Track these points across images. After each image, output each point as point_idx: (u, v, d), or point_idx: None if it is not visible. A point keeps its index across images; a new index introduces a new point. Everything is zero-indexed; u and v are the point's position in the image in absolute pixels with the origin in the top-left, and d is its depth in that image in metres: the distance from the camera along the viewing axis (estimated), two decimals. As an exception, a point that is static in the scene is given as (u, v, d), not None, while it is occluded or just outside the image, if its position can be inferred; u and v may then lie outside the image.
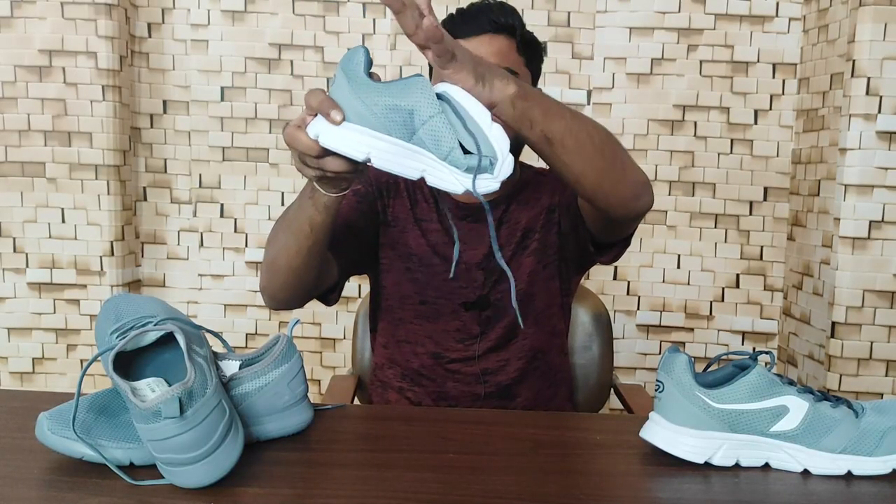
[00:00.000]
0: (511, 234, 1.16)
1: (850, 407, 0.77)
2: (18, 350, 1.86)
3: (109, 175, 1.80)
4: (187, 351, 0.70)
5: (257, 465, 0.74)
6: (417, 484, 0.70)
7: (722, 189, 1.87)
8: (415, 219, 1.15)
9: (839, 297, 1.60)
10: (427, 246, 1.14)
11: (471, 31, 1.08)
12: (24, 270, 1.84)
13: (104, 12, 1.75)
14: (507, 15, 1.09)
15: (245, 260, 1.94)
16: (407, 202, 1.16)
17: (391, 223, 1.16)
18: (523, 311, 1.13)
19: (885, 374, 1.62)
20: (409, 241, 1.14)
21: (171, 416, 0.64)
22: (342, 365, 1.95)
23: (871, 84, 1.54)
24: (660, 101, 1.86)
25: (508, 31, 1.08)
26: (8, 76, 1.78)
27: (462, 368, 1.13)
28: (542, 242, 1.15)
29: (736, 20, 1.82)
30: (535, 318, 1.15)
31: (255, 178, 1.92)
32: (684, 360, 0.76)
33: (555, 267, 1.16)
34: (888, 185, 1.56)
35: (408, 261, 1.13)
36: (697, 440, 0.75)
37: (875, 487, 0.72)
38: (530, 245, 1.15)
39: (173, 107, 1.91)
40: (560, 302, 1.22)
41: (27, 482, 0.70)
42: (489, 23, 1.07)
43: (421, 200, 1.17)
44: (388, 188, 1.17)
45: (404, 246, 1.14)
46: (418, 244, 1.14)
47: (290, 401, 0.81)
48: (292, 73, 1.88)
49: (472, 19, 1.09)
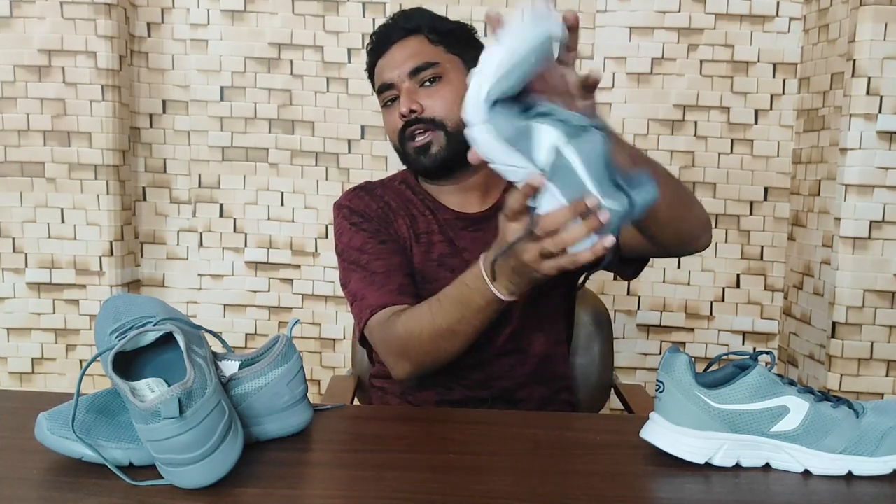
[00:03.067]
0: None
1: (851, 407, 0.77)
2: (18, 350, 1.86)
3: (109, 175, 1.80)
4: (187, 351, 0.70)
5: (257, 465, 0.73)
6: (417, 484, 0.70)
7: (722, 189, 1.87)
8: (415, 234, 1.15)
9: (840, 297, 1.60)
10: (431, 260, 1.13)
11: (383, 47, 1.15)
12: (23, 270, 1.84)
13: (103, 12, 1.75)
14: (409, 19, 1.15)
15: (244, 260, 1.94)
16: (406, 220, 1.15)
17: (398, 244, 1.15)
18: (530, 317, 1.14)
19: (886, 375, 1.62)
20: (412, 259, 1.14)
21: (171, 416, 0.64)
22: (342, 365, 1.95)
23: (872, 84, 1.54)
24: (660, 100, 1.86)
25: (415, 32, 1.13)
26: (7, 76, 1.77)
27: (468, 374, 1.13)
28: None
29: (736, 20, 1.82)
30: (540, 325, 1.15)
31: (255, 177, 1.91)
32: (684, 361, 0.76)
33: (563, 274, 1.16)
34: (888, 185, 1.56)
35: (418, 276, 1.13)
36: (698, 440, 0.75)
37: (875, 488, 0.72)
38: None
39: (173, 107, 1.91)
40: (565, 308, 1.22)
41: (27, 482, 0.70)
42: (395, 32, 1.14)
43: (418, 215, 1.16)
44: (385, 214, 1.16)
45: (408, 265, 1.13)
46: (421, 260, 1.13)
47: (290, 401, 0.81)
48: (292, 73, 1.88)
49: (381, 37, 1.16)
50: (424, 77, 1.10)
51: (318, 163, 1.91)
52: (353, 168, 1.90)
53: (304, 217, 1.93)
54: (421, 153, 1.11)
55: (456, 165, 1.13)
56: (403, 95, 1.10)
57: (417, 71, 1.10)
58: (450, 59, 1.13)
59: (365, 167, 1.89)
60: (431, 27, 1.13)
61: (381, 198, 1.18)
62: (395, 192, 1.19)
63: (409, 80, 1.10)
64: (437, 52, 1.12)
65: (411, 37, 1.13)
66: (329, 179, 1.91)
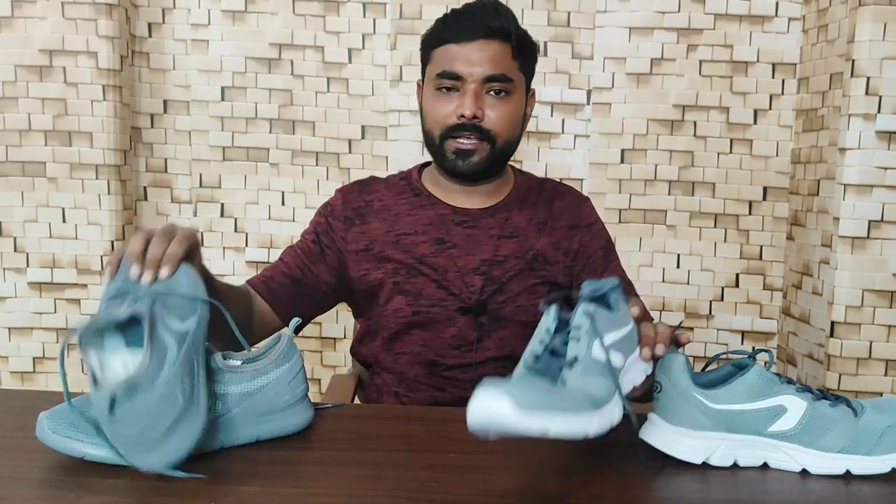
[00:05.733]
0: (519, 250, 1.15)
1: (850, 406, 0.77)
2: (19, 349, 1.86)
3: (110, 175, 1.80)
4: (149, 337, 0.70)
5: (258, 463, 0.74)
6: (417, 483, 0.70)
7: (721, 189, 1.87)
8: (395, 236, 1.15)
9: (838, 296, 1.60)
10: (412, 258, 1.14)
11: (464, 35, 1.07)
12: (24, 270, 1.84)
13: (104, 12, 1.75)
14: (501, 18, 1.08)
15: (245, 259, 1.94)
16: (387, 222, 1.16)
17: (367, 248, 1.15)
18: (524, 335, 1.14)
19: (885, 374, 1.62)
20: (392, 257, 1.14)
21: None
22: (342, 364, 1.95)
23: (871, 84, 1.54)
24: (659, 101, 1.86)
25: (503, 36, 1.08)
26: (8, 76, 1.78)
27: (459, 375, 1.13)
28: (552, 279, 1.16)
29: (735, 20, 1.83)
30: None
31: (256, 177, 1.92)
32: (682, 361, 0.77)
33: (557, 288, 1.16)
34: (888, 185, 1.56)
35: (395, 275, 1.13)
36: (695, 441, 0.75)
37: (874, 486, 0.73)
38: (540, 271, 1.15)
39: (174, 107, 1.91)
40: None
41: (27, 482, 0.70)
42: (483, 28, 1.07)
43: (404, 214, 1.16)
44: (357, 215, 1.17)
45: (388, 262, 1.14)
46: (403, 258, 1.14)
47: (291, 400, 0.81)
48: (292, 73, 1.88)
49: (465, 23, 1.08)
50: (495, 87, 1.08)
51: (319, 163, 1.91)
52: (353, 168, 1.90)
53: (304, 217, 1.92)
54: (460, 156, 1.10)
55: (482, 176, 1.14)
56: (470, 97, 1.07)
57: (492, 79, 1.08)
58: (519, 78, 1.12)
59: (365, 167, 1.89)
60: (519, 38, 1.10)
61: (371, 195, 1.19)
62: (393, 189, 1.20)
63: (480, 84, 1.07)
64: (514, 67, 1.10)
65: (497, 40, 1.08)
66: (330, 179, 1.91)
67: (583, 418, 0.62)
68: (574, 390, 0.64)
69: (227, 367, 0.78)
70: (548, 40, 1.86)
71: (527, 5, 1.84)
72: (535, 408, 0.59)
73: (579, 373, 0.65)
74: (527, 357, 0.68)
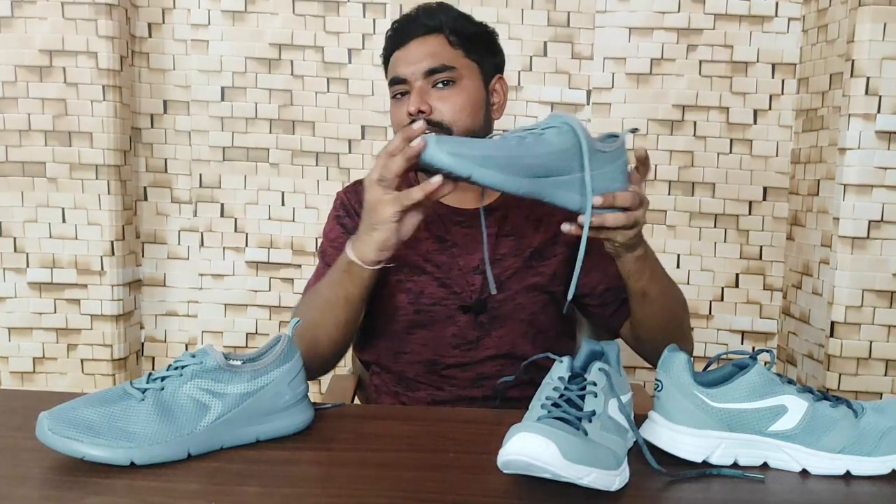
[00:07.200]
0: (517, 248, 1.15)
1: (850, 407, 0.77)
2: (19, 350, 1.86)
3: (110, 175, 1.80)
4: None
5: (257, 464, 0.74)
6: (417, 484, 0.70)
7: (721, 189, 1.87)
8: None
9: (838, 296, 1.60)
10: (416, 255, 1.14)
11: (402, 39, 1.13)
12: (24, 270, 1.84)
13: (104, 12, 1.75)
14: (432, 16, 1.13)
15: (245, 259, 1.94)
16: None
17: None
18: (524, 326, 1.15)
19: (885, 374, 1.62)
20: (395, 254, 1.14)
21: None
22: (342, 364, 1.95)
23: (871, 84, 1.54)
24: (659, 101, 1.86)
25: (435, 30, 1.12)
26: (8, 76, 1.78)
27: (458, 374, 1.13)
28: (551, 272, 1.16)
29: (735, 20, 1.83)
30: (534, 337, 1.16)
31: (256, 177, 1.92)
32: (683, 360, 0.77)
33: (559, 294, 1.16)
34: (887, 185, 1.56)
35: (397, 273, 1.13)
36: (696, 439, 0.75)
37: (874, 487, 0.73)
38: (538, 268, 1.15)
39: (173, 107, 1.91)
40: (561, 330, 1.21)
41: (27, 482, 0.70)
42: (417, 27, 1.12)
43: None
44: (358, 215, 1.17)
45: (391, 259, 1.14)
46: (405, 255, 1.13)
47: (291, 400, 0.81)
48: (292, 73, 1.88)
49: (402, 28, 1.14)
50: (438, 79, 1.10)
51: (319, 163, 1.91)
52: (353, 168, 1.90)
53: (304, 217, 1.93)
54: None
55: None
56: (414, 94, 1.09)
57: (432, 72, 1.09)
58: (467, 65, 1.12)
59: (365, 167, 1.89)
60: (454, 28, 1.12)
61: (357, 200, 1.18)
62: None
63: (423, 80, 1.09)
64: (456, 56, 1.11)
65: (432, 35, 1.11)
66: (330, 179, 1.91)
67: (611, 475, 0.67)
68: (602, 446, 0.69)
69: (227, 367, 0.78)
70: (548, 40, 1.86)
71: (526, 5, 1.84)
72: (579, 460, 0.64)
73: (598, 427, 0.70)
74: (544, 401, 0.72)
